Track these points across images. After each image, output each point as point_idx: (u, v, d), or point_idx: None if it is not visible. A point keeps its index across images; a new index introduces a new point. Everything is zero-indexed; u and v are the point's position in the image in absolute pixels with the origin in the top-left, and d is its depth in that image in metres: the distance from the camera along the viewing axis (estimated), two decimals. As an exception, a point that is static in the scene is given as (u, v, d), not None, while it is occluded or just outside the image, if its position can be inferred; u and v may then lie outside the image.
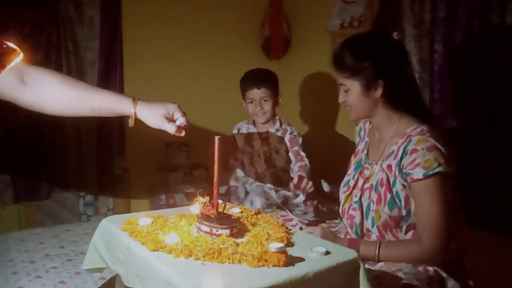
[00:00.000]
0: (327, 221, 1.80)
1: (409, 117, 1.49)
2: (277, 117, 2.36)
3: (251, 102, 2.27)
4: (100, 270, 1.40)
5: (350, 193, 1.56)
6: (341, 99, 1.55)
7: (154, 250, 1.12)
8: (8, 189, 2.53)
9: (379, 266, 1.38)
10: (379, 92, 1.47)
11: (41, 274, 1.82)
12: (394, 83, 1.46)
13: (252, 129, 2.38)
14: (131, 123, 1.36)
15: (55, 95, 1.30)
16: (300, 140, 2.34)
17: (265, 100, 2.26)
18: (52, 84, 1.30)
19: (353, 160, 1.67)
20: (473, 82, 2.42)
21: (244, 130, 2.40)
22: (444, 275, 1.36)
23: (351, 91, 1.49)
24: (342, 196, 1.60)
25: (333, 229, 1.67)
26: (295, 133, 2.35)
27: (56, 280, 1.78)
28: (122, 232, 1.25)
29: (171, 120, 1.38)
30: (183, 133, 1.38)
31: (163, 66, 2.93)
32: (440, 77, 2.53)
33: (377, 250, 1.39)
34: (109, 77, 2.69)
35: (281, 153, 2.30)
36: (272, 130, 2.33)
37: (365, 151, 1.61)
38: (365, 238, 1.49)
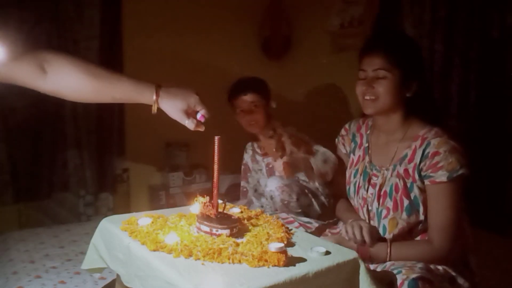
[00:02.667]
0: (328, 221, 1.79)
1: (419, 120, 1.47)
2: (271, 124, 2.10)
3: (241, 111, 2.08)
4: (100, 270, 1.40)
5: (366, 204, 1.52)
6: (365, 86, 1.45)
7: (154, 250, 1.11)
8: (8, 189, 2.53)
9: (390, 263, 1.39)
10: (411, 91, 1.44)
11: (41, 274, 1.82)
12: (423, 88, 1.45)
13: (255, 146, 2.21)
14: (153, 111, 1.31)
15: (76, 83, 1.29)
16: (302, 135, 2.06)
17: (255, 106, 2.05)
18: (73, 73, 1.28)
19: (352, 170, 1.60)
20: (473, 82, 2.42)
21: (250, 151, 2.24)
22: (453, 273, 1.37)
23: (388, 80, 1.41)
24: (360, 210, 1.55)
25: (333, 231, 1.67)
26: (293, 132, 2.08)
27: (56, 280, 1.78)
28: (122, 232, 1.25)
29: (192, 112, 1.33)
30: (203, 128, 1.34)
31: (162, 66, 2.92)
32: (440, 77, 2.53)
33: (388, 249, 1.38)
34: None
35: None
36: (266, 140, 2.10)
37: (367, 158, 1.55)
38: None
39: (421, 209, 1.40)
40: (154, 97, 1.29)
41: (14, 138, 2.50)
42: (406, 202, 1.41)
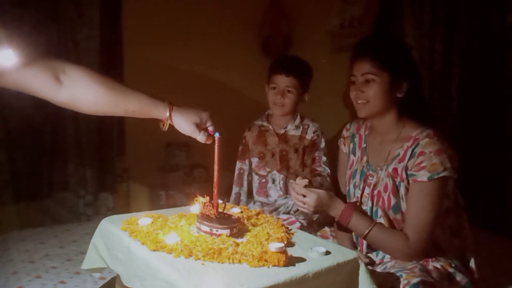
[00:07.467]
0: (326, 227, 1.79)
1: (413, 121, 1.48)
2: (297, 114, 2.09)
3: (274, 88, 2.01)
4: (100, 270, 1.40)
5: (361, 203, 1.54)
6: (355, 91, 1.47)
7: (154, 250, 1.12)
8: (8, 189, 2.53)
9: (390, 265, 1.39)
10: (401, 92, 1.45)
11: (41, 274, 1.82)
12: (414, 87, 1.46)
13: (267, 127, 2.10)
14: (165, 128, 1.33)
15: (92, 95, 1.27)
16: (323, 142, 2.05)
17: (289, 91, 1.99)
18: (88, 85, 1.26)
19: (352, 170, 1.61)
20: (473, 82, 2.42)
21: (256, 129, 2.13)
22: (451, 270, 1.38)
23: (376, 83, 1.43)
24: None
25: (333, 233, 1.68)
26: (319, 132, 2.06)
27: (56, 280, 1.78)
28: (122, 232, 1.25)
29: (202, 127, 1.36)
30: (211, 141, 1.36)
31: (162, 66, 2.93)
32: (440, 77, 2.54)
33: (367, 230, 1.40)
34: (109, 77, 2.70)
35: (299, 153, 2.03)
36: (290, 127, 2.06)
37: (365, 158, 1.57)
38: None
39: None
40: (168, 113, 1.31)
41: (14, 138, 2.50)
42: (393, 201, 1.43)
